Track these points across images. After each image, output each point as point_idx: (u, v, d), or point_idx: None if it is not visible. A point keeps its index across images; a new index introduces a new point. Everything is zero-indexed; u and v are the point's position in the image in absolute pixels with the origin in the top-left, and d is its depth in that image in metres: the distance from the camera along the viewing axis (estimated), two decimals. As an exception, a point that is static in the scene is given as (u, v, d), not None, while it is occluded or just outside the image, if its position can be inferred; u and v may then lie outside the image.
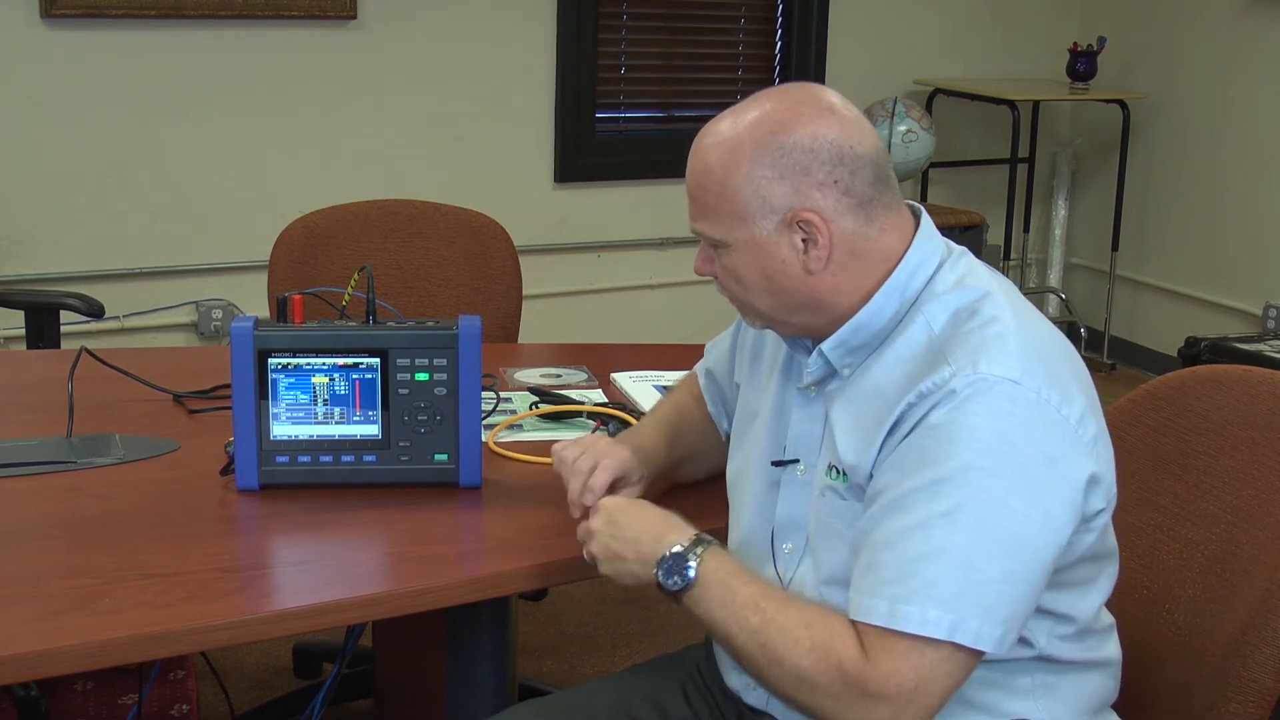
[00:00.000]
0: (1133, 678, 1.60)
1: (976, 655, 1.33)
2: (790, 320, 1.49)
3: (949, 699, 1.34)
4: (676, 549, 1.44)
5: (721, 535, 1.56)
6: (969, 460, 1.32)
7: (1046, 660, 1.45)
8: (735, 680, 1.59)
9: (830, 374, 1.48)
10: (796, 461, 1.52)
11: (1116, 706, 1.56)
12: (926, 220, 1.49)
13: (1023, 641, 1.42)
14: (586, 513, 1.59)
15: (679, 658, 1.72)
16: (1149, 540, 1.71)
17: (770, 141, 1.41)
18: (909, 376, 1.39)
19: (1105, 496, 1.43)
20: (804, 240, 1.42)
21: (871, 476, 1.40)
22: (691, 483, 1.81)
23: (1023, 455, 1.33)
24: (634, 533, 1.50)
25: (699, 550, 1.44)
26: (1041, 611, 1.42)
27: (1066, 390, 1.38)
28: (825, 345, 1.47)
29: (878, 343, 1.45)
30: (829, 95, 1.45)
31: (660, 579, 1.44)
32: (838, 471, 1.45)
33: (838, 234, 1.42)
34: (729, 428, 1.74)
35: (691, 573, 1.42)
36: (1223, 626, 1.56)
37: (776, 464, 1.54)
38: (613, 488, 1.65)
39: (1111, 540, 1.50)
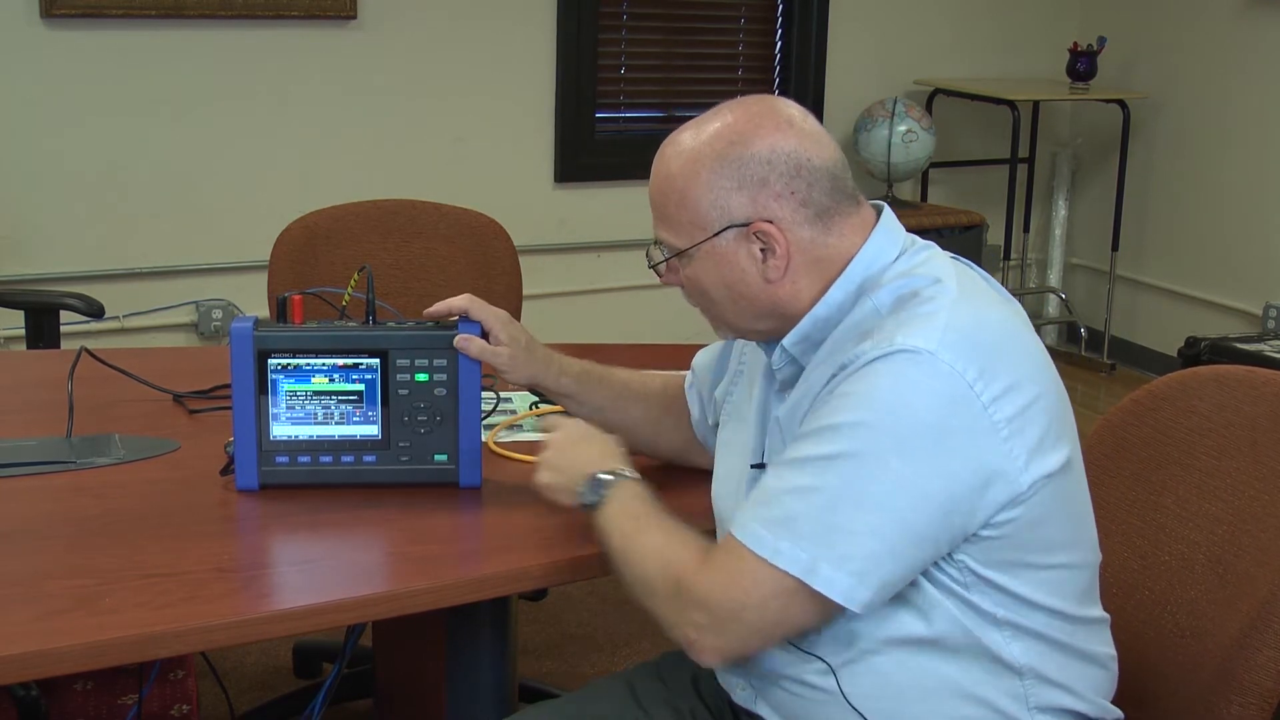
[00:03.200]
0: (1133, 678, 1.60)
1: (825, 602, 1.35)
2: (756, 328, 1.53)
3: (781, 636, 1.41)
4: (602, 474, 1.57)
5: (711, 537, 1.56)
6: (862, 416, 1.35)
7: (1022, 643, 1.43)
8: (725, 679, 1.59)
9: (799, 370, 1.50)
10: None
11: (1117, 705, 1.56)
12: (887, 215, 1.51)
13: (974, 610, 1.40)
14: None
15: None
16: (1150, 541, 1.71)
17: (729, 153, 1.44)
18: (842, 355, 1.41)
19: (1009, 492, 1.37)
20: (762, 250, 1.46)
21: None
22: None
23: (916, 420, 1.34)
24: (575, 461, 1.62)
25: (616, 479, 1.57)
26: (993, 586, 1.40)
27: (990, 370, 1.36)
28: (786, 341, 1.50)
29: (830, 330, 1.47)
30: (789, 108, 1.49)
31: (581, 492, 1.58)
32: None
33: (795, 243, 1.45)
34: (699, 416, 1.80)
35: (604, 490, 1.56)
36: (1224, 628, 1.56)
37: (755, 466, 1.55)
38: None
39: (1064, 535, 1.45)
